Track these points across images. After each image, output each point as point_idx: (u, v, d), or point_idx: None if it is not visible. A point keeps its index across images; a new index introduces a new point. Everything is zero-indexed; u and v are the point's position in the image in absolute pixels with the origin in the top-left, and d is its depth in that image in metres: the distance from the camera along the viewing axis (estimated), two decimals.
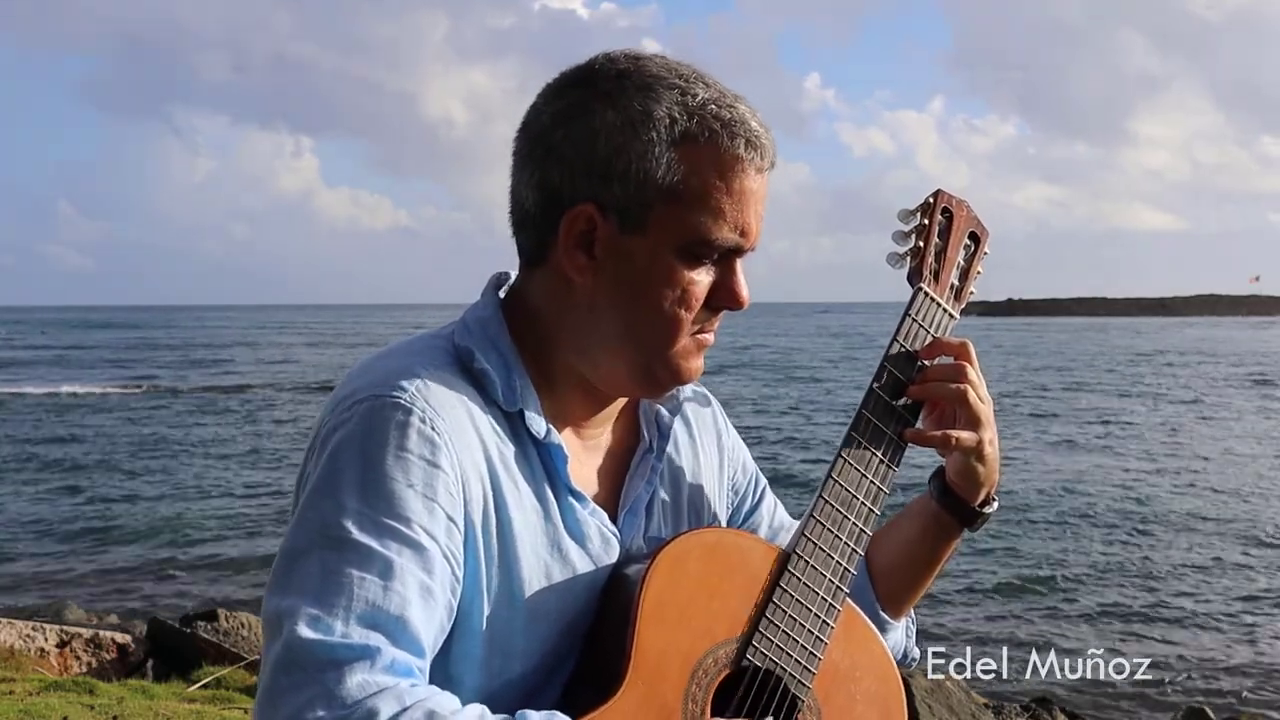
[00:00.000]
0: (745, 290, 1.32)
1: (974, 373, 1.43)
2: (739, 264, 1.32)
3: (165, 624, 7.93)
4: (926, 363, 1.45)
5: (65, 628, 7.76)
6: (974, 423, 1.43)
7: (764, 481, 1.64)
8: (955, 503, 1.51)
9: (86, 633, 7.71)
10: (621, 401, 1.42)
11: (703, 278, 1.30)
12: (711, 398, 1.58)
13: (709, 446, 1.54)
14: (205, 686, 6.60)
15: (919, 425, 1.45)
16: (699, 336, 1.33)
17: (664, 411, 1.45)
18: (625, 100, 1.27)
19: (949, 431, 1.42)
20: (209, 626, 7.91)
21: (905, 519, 1.58)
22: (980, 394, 1.43)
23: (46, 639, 7.36)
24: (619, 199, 1.26)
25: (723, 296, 1.32)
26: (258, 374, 44.84)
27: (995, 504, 1.53)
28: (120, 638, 7.68)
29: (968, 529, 1.52)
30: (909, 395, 1.43)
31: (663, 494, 1.44)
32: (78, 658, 7.36)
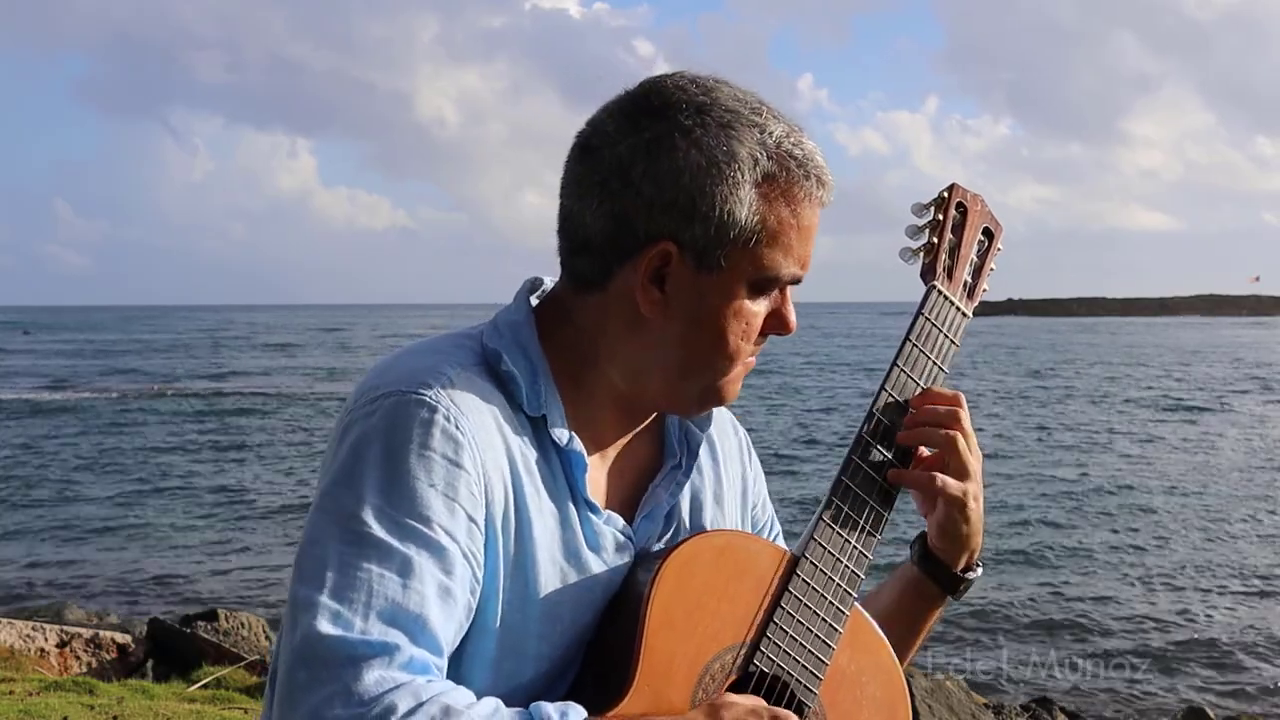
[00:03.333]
0: (794, 317, 1.34)
1: (966, 423, 1.42)
2: (790, 291, 1.34)
3: (165, 624, 7.94)
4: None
5: (65, 628, 7.76)
6: (962, 473, 1.41)
7: (778, 527, 1.62)
8: (937, 567, 1.48)
9: (86, 633, 7.71)
10: (649, 418, 1.42)
11: (762, 309, 1.32)
12: (739, 427, 1.57)
13: (732, 474, 1.53)
14: (205, 686, 6.60)
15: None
16: (748, 361, 1.35)
17: (694, 430, 1.44)
18: (709, 140, 1.26)
19: (935, 474, 1.41)
20: (209, 626, 7.92)
21: (887, 586, 1.55)
22: (971, 445, 1.42)
23: (46, 639, 7.36)
24: (699, 239, 1.26)
25: (775, 324, 1.34)
26: (258, 375, 44.82)
27: (980, 570, 1.51)
28: (120, 638, 7.67)
29: (950, 596, 1.50)
30: (899, 440, 1.41)
31: (684, 510, 1.43)
32: (78, 658, 7.36)
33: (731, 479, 1.52)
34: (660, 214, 1.26)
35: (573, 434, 1.31)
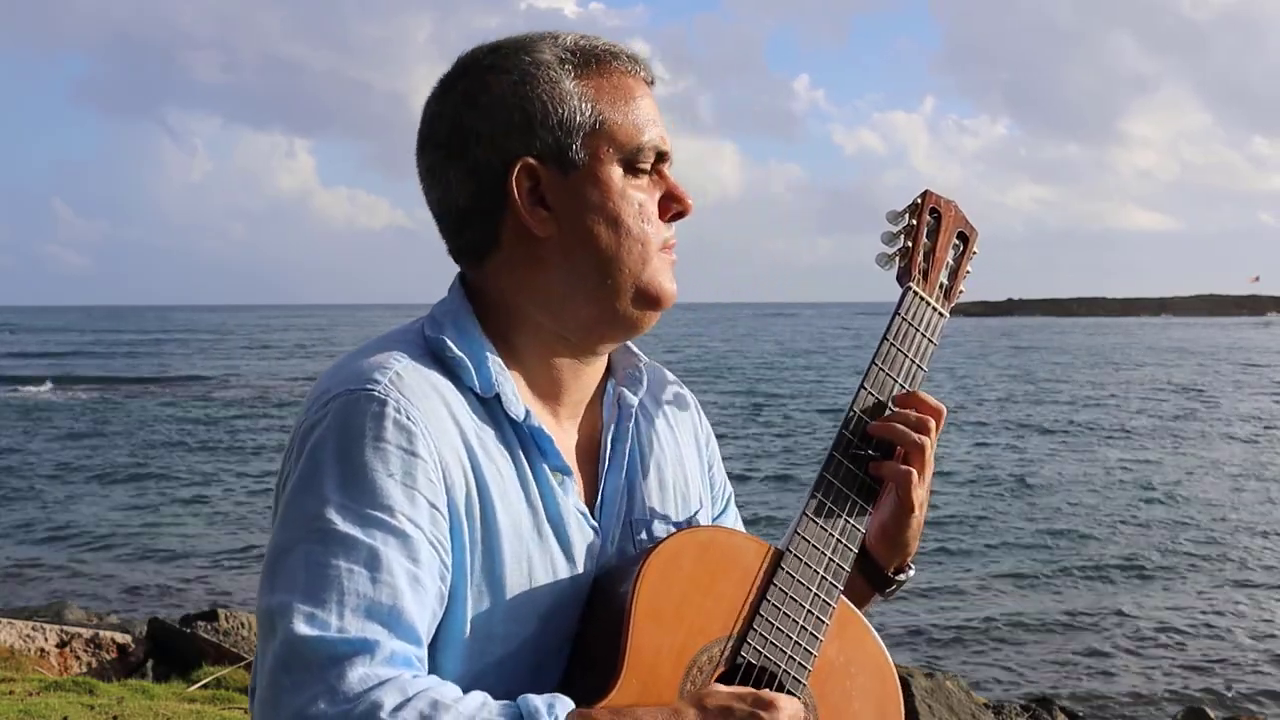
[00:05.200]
0: (688, 195, 1.38)
1: (934, 435, 1.44)
2: (668, 171, 1.38)
3: (165, 624, 7.94)
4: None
5: (65, 628, 7.77)
6: (923, 477, 1.44)
7: (730, 491, 1.64)
8: (871, 567, 1.50)
9: (86, 633, 7.71)
10: (595, 379, 1.43)
11: (646, 190, 1.36)
12: (690, 398, 1.59)
13: (686, 440, 1.55)
14: (205, 686, 6.60)
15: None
16: (664, 253, 1.37)
17: (626, 393, 1.45)
18: (511, 62, 1.34)
19: (915, 471, 1.43)
20: (209, 626, 7.92)
21: None
22: (931, 457, 1.45)
23: (46, 639, 7.37)
24: (550, 144, 1.32)
25: (670, 202, 1.38)
26: (256, 375, 44.83)
27: (912, 571, 1.54)
28: (120, 638, 7.68)
29: (880, 596, 1.53)
30: (869, 431, 1.43)
31: (641, 480, 1.44)
32: (78, 658, 7.36)
33: (688, 445, 1.54)
34: (504, 141, 1.32)
35: (528, 408, 1.33)
